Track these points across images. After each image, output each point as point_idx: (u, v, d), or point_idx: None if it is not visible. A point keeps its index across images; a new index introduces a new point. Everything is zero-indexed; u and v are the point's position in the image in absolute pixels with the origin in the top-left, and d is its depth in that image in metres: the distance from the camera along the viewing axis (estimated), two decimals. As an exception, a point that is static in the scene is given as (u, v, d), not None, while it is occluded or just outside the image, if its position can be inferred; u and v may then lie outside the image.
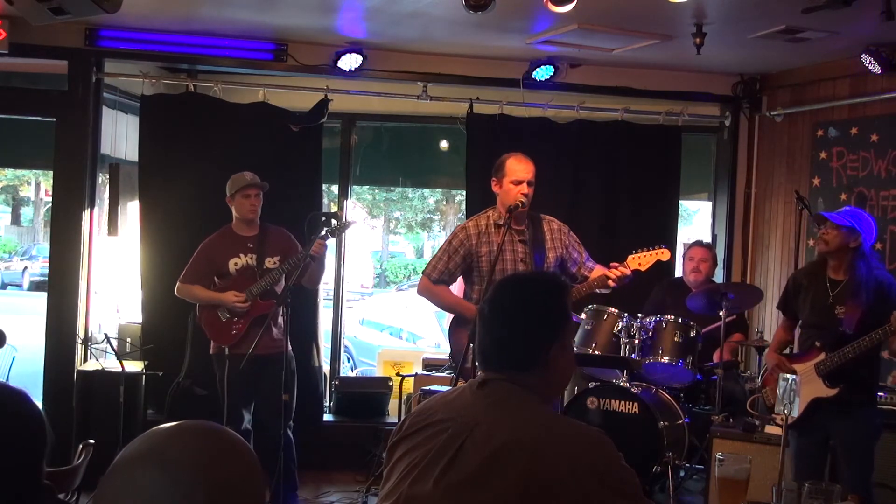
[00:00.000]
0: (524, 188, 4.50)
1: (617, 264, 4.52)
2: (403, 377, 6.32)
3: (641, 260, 4.55)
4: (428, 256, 22.62)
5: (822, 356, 4.20)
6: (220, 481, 1.25)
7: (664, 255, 4.57)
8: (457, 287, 5.02)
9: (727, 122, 6.81)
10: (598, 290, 4.69)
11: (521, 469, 1.80)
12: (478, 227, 4.66)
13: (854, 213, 4.23)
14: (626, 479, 1.85)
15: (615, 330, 5.27)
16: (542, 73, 6.15)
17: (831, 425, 4.22)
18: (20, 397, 1.63)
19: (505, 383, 1.97)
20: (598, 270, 4.67)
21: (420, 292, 4.82)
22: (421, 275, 4.83)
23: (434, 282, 4.71)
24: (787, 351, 4.62)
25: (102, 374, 5.59)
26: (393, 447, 2.05)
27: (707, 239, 6.80)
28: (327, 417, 6.45)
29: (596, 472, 1.81)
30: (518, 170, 4.52)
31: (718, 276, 6.50)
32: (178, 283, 5.12)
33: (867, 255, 4.21)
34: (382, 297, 16.24)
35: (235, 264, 5.07)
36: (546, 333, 2.01)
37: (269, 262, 5.08)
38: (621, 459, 1.87)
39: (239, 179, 5.07)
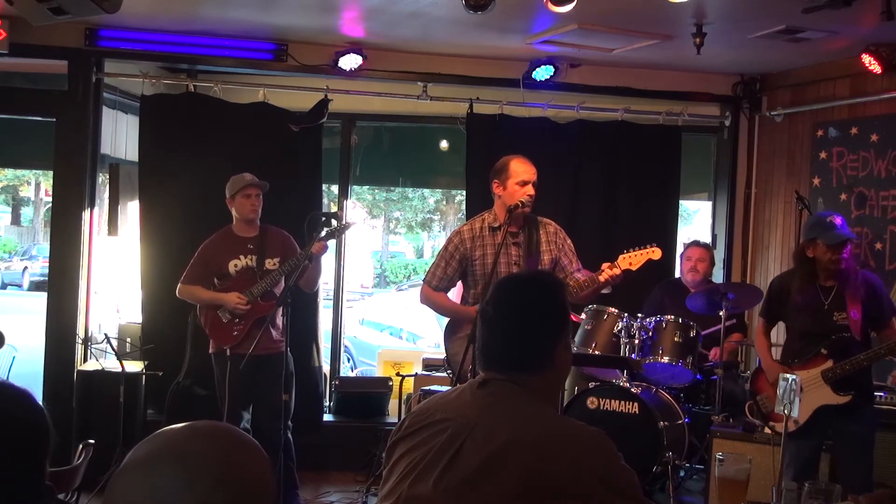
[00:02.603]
0: (529, 189, 4.50)
1: (608, 264, 4.49)
2: (403, 377, 6.32)
3: (632, 259, 4.52)
4: (428, 256, 22.72)
5: (828, 363, 4.19)
6: (239, 480, 1.26)
7: (655, 253, 4.53)
8: (455, 291, 5.02)
9: (727, 122, 6.81)
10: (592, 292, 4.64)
11: (522, 469, 1.80)
12: (472, 230, 4.66)
13: (845, 225, 4.23)
14: (627, 479, 1.85)
15: (615, 330, 5.27)
16: (542, 73, 6.15)
17: (832, 427, 4.22)
18: (24, 397, 1.63)
19: (506, 383, 1.97)
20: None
21: (422, 301, 4.83)
22: (422, 283, 4.84)
23: (434, 289, 4.72)
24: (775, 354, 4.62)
25: (102, 374, 5.59)
26: (392, 447, 2.05)
27: (707, 239, 6.80)
28: (327, 417, 6.45)
29: (596, 473, 1.81)
30: (522, 171, 4.51)
31: (718, 276, 6.50)
32: (179, 285, 5.11)
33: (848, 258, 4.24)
34: (382, 297, 16.24)
35: (235, 266, 5.07)
36: (550, 333, 2.01)
37: (270, 264, 5.08)
38: (622, 460, 1.87)
39: (238, 180, 5.07)
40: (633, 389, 5.11)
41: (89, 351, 5.92)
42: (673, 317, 5.33)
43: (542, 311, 2.03)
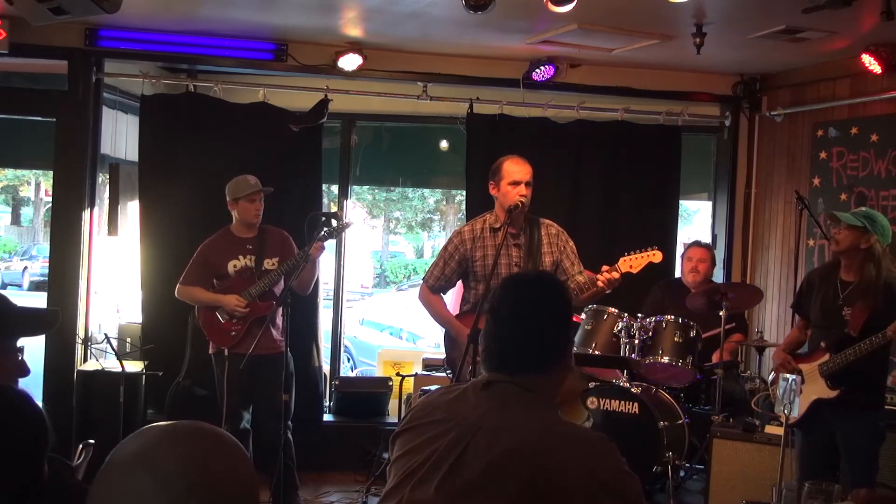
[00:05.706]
0: (522, 189, 4.46)
1: (608, 267, 4.46)
2: (403, 377, 6.32)
3: (633, 262, 4.49)
4: (428, 256, 22.68)
5: (826, 357, 4.21)
6: (209, 483, 1.25)
7: (656, 256, 4.51)
8: (455, 291, 5.02)
9: (727, 122, 6.81)
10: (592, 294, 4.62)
11: (525, 473, 1.79)
12: (473, 231, 4.64)
13: (867, 215, 4.21)
14: (630, 485, 1.84)
15: (615, 330, 5.26)
16: (542, 73, 6.15)
17: (835, 425, 4.21)
18: (22, 398, 1.63)
19: (510, 385, 1.95)
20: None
21: (419, 298, 4.82)
22: (421, 281, 4.84)
23: (431, 288, 4.70)
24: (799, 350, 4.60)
25: (102, 374, 5.58)
26: (393, 441, 2.05)
27: (707, 239, 6.80)
28: (327, 417, 6.45)
29: (598, 477, 1.81)
30: (515, 171, 4.49)
31: (718, 277, 6.50)
32: (177, 286, 5.12)
33: (879, 257, 4.16)
34: (382, 297, 16.23)
35: (234, 266, 5.07)
36: (558, 335, 2.00)
37: (268, 264, 5.08)
38: (625, 465, 1.85)
39: (243, 185, 5.06)
40: (633, 389, 5.11)
41: (89, 351, 5.92)
42: (673, 317, 5.32)
43: (548, 313, 2.01)
